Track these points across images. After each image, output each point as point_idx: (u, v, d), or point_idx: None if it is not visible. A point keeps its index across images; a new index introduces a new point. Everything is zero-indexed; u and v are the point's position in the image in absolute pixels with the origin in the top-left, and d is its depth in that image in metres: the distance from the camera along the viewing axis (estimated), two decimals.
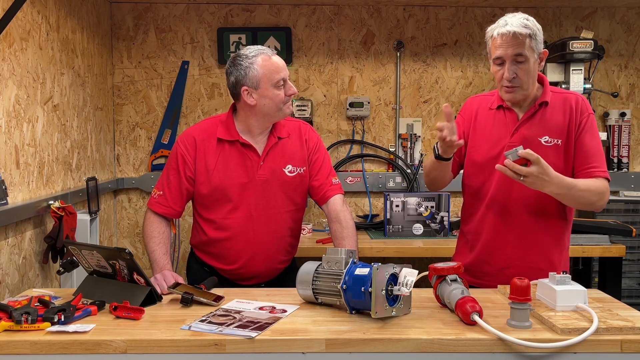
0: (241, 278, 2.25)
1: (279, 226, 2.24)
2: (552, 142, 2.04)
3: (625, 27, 3.63)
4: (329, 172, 2.31)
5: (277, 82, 2.14)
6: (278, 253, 2.26)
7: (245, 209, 2.20)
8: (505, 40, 1.96)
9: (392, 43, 3.61)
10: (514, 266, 2.05)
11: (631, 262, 3.40)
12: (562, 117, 2.05)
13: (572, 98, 2.08)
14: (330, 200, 2.26)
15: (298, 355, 1.52)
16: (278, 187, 2.22)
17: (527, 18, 2.00)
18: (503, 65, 1.99)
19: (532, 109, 2.06)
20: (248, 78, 2.13)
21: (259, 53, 2.15)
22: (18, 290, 2.18)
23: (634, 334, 1.53)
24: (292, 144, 2.27)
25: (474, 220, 2.16)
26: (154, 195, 2.26)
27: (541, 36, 2.02)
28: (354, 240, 2.21)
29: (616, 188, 3.60)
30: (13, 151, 2.20)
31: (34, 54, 2.40)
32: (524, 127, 2.06)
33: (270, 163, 2.22)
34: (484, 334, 1.52)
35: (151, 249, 2.17)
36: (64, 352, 1.50)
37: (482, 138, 2.13)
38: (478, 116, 2.16)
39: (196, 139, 2.23)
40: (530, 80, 2.01)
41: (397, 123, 3.64)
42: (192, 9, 3.55)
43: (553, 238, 2.09)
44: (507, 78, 1.99)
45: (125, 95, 3.57)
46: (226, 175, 2.19)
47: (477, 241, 2.14)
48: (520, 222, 2.06)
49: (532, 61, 1.98)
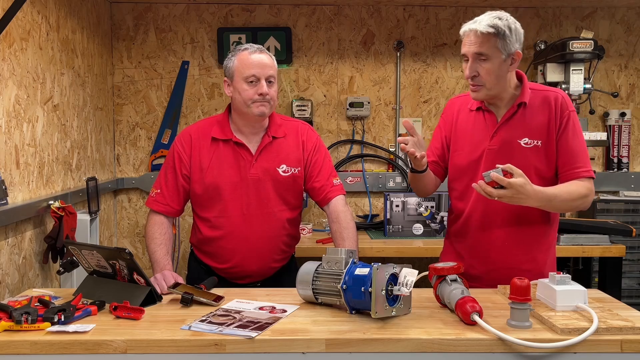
0: (235, 277, 2.25)
1: (273, 225, 2.24)
2: (532, 143, 2.01)
3: (625, 27, 3.63)
4: (330, 173, 2.30)
5: (247, 77, 2.14)
6: (272, 252, 2.26)
7: (238, 208, 2.21)
8: (468, 38, 1.96)
9: (392, 43, 3.61)
10: (499, 269, 2.04)
11: (631, 262, 3.40)
12: (542, 117, 2.01)
13: (551, 96, 2.03)
14: (332, 202, 2.26)
15: (298, 355, 1.52)
16: (271, 186, 2.22)
17: (499, 17, 1.94)
18: (468, 62, 1.99)
19: (511, 110, 2.03)
20: (227, 69, 2.21)
21: (244, 48, 2.19)
22: (18, 290, 2.18)
23: (634, 334, 1.53)
24: (288, 144, 2.27)
25: (458, 224, 2.14)
26: (151, 194, 2.27)
27: (516, 37, 1.95)
28: (355, 240, 2.21)
29: (616, 188, 3.60)
30: (13, 151, 2.20)
31: (34, 54, 2.40)
32: (502, 130, 2.04)
33: (263, 162, 2.22)
34: (484, 334, 1.52)
35: (152, 250, 2.18)
36: (64, 352, 1.50)
37: (463, 141, 2.11)
38: (459, 118, 2.14)
39: (192, 138, 2.25)
40: (494, 80, 1.97)
41: (397, 123, 3.64)
42: (192, 9, 3.55)
43: (536, 238, 2.07)
44: (466, 76, 1.99)
45: (125, 95, 3.57)
46: (219, 174, 2.20)
47: (462, 245, 2.14)
48: (503, 224, 2.04)
49: (496, 61, 1.94)
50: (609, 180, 3.61)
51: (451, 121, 2.16)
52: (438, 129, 2.23)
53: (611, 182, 3.61)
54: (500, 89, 2.01)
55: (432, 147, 2.21)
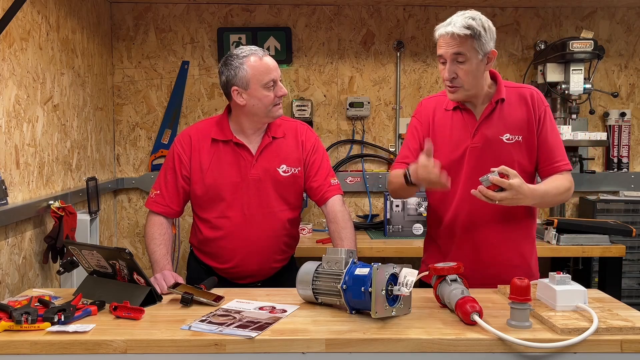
0: (236, 277, 2.25)
1: (273, 225, 2.24)
2: (514, 139, 2.03)
3: (625, 27, 3.63)
4: (328, 173, 2.30)
5: (267, 84, 2.14)
6: (273, 252, 2.26)
7: (238, 208, 2.20)
8: (444, 40, 1.96)
9: (392, 43, 3.61)
10: (489, 266, 2.05)
11: (631, 262, 3.40)
12: (520, 113, 2.04)
13: (526, 92, 2.07)
14: (329, 201, 2.26)
15: (298, 355, 1.52)
16: (271, 186, 2.22)
17: (473, 17, 1.95)
18: (445, 64, 1.98)
19: (489, 107, 2.04)
20: (238, 78, 2.14)
21: (251, 53, 2.15)
22: (18, 290, 2.18)
23: (634, 334, 1.53)
24: (287, 144, 2.27)
25: (442, 225, 2.13)
26: (151, 195, 2.27)
27: (490, 36, 1.97)
28: (353, 240, 2.21)
29: (616, 188, 3.60)
30: (13, 151, 2.20)
31: (34, 54, 2.40)
32: (483, 127, 2.04)
33: (264, 162, 2.22)
34: (484, 334, 1.52)
35: (152, 250, 2.18)
36: (64, 352, 1.50)
37: (441, 141, 2.08)
38: (435, 118, 2.13)
39: (192, 139, 2.25)
40: (472, 80, 1.98)
41: (397, 123, 3.64)
42: (192, 9, 3.55)
43: (522, 233, 2.10)
44: (445, 78, 1.99)
45: (125, 95, 3.57)
46: (219, 174, 2.20)
47: (449, 246, 2.12)
48: (490, 222, 2.05)
49: (474, 61, 1.95)
50: (609, 180, 3.61)
51: (427, 122, 2.14)
52: (413, 129, 2.17)
53: (611, 182, 3.61)
54: (478, 89, 2.02)
55: (410, 148, 2.15)
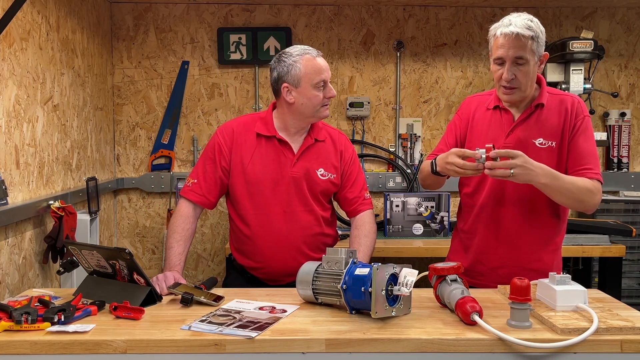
0: (270, 278, 2.25)
1: (310, 223, 2.25)
2: (547, 144, 2.04)
3: (625, 27, 3.63)
4: (362, 186, 2.34)
5: (317, 83, 2.16)
6: (310, 251, 2.25)
7: (277, 205, 2.22)
8: (508, 41, 1.95)
9: (392, 43, 3.61)
10: (507, 266, 2.07)
11: (631, 262, 3.40)
12: (557, 119, 2.04)
13: (568, 100, 2.07)
14: (361, 215, 2.31)
15: (298, 355, 1.52)
16: (308, 187, 2.24)
17: (531, 19, 1.98)
18: (503, 65, 1.99)
19: (528, 110, 2.06)
20: (290, 75, 2.16)
21: (304, 52, 2.18)
22: (18, 290, 2.18)
23: (634, 334, 1.53)
24: (327, 149, 2.30)
25: (469, 220, 2.16)
26: (187, 183, 2.26)
27: (543, 38, 2.00)
28: (369, 249, 2.24)
29: (616, 188, 3.60)
30: (13, 151, 2.20)
31: (34, 54, 2.40)
32: (519, 129, 2.06)
33: (304, 162, 2.24)
34: (484, 334, 1.52)
35: (169, 245, 2.17)
36: (64, 352, 1.50)
37: (478, 139, 2.12)
38: (475, 116, 2.16)
39: (234, 131, 2.26)
40: (529, 82, 2.00)
41: (397, 123, 3.64)
42: (192, 9, 3.55)
43: (544, 239, 2.09)
44: (505, 79, 1.98)
45: (125, 95, 3.57)
46: (260, 170, 2.22)
47: (471, 241, 2.15)
48: (512, 222, 2.07)
49: (532, 64, 1.97)
50: (609, 180, 3.61)
51: (467, 119, 2.18)
52: (453, 124, 2.23)
53: (611, 182, 3.61)
54: (531, 90, 2.04)
55: (446, 142, 2.22)
